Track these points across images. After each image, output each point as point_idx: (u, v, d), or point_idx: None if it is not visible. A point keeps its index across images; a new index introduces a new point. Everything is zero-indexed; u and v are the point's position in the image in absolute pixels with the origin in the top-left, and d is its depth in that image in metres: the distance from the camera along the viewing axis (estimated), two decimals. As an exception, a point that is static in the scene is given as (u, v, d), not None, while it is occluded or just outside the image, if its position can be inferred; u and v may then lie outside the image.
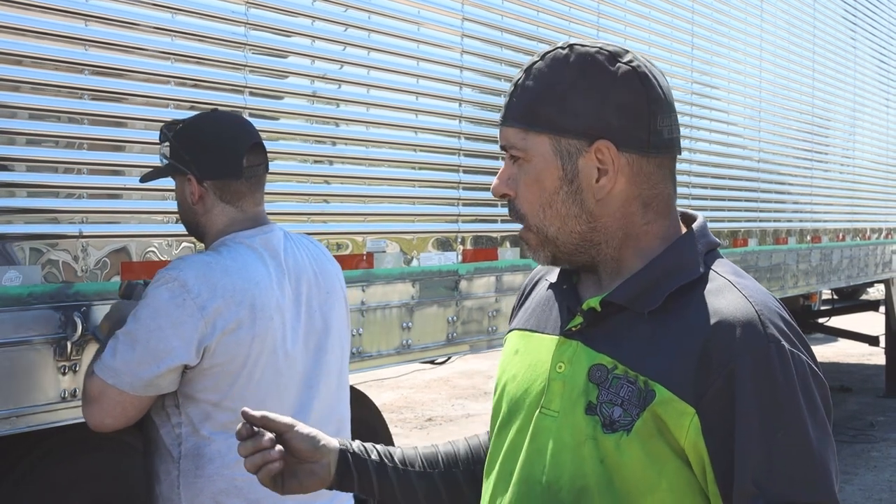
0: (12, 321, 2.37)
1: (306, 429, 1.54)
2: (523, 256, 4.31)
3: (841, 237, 8.24)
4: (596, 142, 1.34)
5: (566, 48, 1.38)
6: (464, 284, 3.98)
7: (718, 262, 1.39)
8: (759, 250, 6.72)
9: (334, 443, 1.57)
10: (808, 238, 7.57)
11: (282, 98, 3.19)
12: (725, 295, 1.32)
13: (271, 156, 2.46)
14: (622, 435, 1.29)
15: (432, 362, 4.61)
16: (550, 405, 1.38)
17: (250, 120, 2.53)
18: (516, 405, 1.44)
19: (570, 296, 1.44)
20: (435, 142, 3.84)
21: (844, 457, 7.30)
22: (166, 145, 2.34)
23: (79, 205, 2.54)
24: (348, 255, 3.40)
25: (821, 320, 10.72)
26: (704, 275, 1.35)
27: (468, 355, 4.75)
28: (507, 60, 4.20)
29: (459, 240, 3.96)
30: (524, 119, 1.37)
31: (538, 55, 1.40)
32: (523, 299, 1.60)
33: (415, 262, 3.73)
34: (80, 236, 2.54)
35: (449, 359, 4.50)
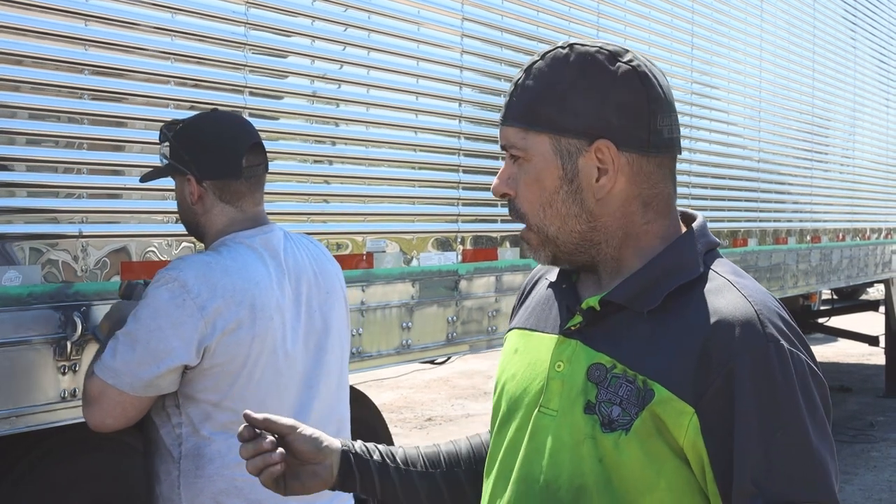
0: (12, 321, 2.37)
1: (309, 430, 1.54)
2: (523, 256, 4.31)
3: (841, 237, 8.24)
4: (596, 141, 1.35)
5: (566, 48, 1.38)
6: (464, 284, 3.98)
7: (718, 262, 1.39)
8: (759, 250, 6.72)
9: (336, 444, 1.57)
10: (808, 238, 7.57)
11: (282, 98, 3.19)
12: (725, 294, 1.32)
13: (271, 156, 2.46)
14: (621, 434, 1.29)
15: (432, 362, 4.61)
16: (549, 404, 1.38)
17: (250, 120, 2.53)
18: (515, 404, 1.44)
19: (570, 295, 1.44)
20: (435, 142, 3.84)
21: (844, 457, 7.30)
22: (166, 145, 2.34)
23: (79, 205, 2.54)
24: (348, 255, 3.40)
25: (821, 320, 10.72)
26: (704, 274, 1.35)
27: (468, 355, 4.74)
28: (507, 60, 4.20)
29: (459, 240, 3.96)
30: (524, 119, 1.37)
31: (538, 55, 1.40)
32: (523, 298, 1.60)
33: (415, 262, 3.73)
34: (80, 236, 2.54)
35: (449, 359, 4.50)
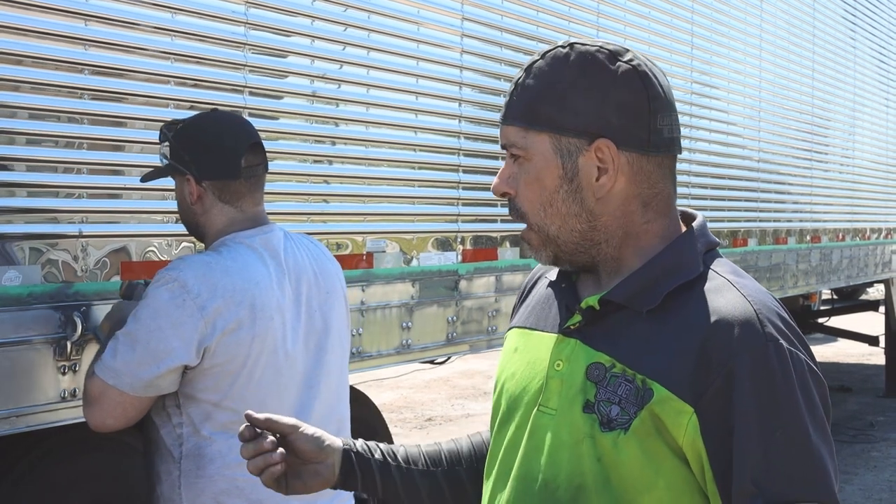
0: (12, 321, 2.37)
1: (311, 429, 1.54)
2: (523, 256, 4.31)
3: (841, 237, 8.24)
4: (596, 140, 1.35)
5: (567, 47, 1.38)
6: (464, 284, 3.98)
7: (718, 262, 1.39)
8: (759, 250, 6.72)
9: (338, 442, 1.57)
10: (808, 238, 7.57)
11: (281, 98, 3.19)
12: (724, 294, 1.32)
13: (271, 156, 2.46)
14: (620, 433, 1.29)
15: (432, 362, 4.61)
16: (548, 403, 1.38)
17: (250, 120, 2.53)
18: (515, 402, 1.44)
19: (569, 294, 1.44)
20: (435, 142, 3.84)
21: (844, 457, 7.30)
22: (166, 145, 2.34)
23: (79, 204, 2.54)
24: (348, 255, 3.40)
25: (821, 320, 10.71)
26: (703, 274, 1.35)
27: (468, 355, 4.74)
28: (507, 60, 4.20)
29: (459, 240, 3.96)
30: (525, 118, 1.37)
31: (539, 54, 1.40)
32: (524, 297, 1.60)
33: (415, 262, 3.73)
34: (80, 236, 2.54)
35: (449, 359, 4.50)
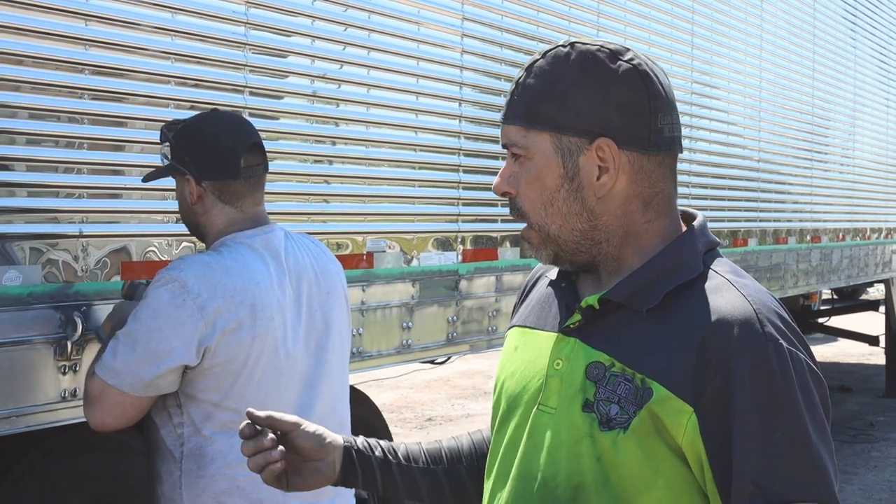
0: (12, 321, 2.37)
1: (312, 427, 1.55)
2: (523, 256, 4.32)
3: (841, 237, 8.24)
4: (597, 139, 1.35)
5: (567, 46, 1.38)
6: (464, 284, 3.98)
7: (718, 262, 1.39)
8: (759, 250, 6.72)
9: (339, 440, 1.58)
10: (808, 238, 7.57)
11: (282, 98, 3.19)
12: (724, 294, 1.31)
13: (271, 156, 2.46)
14: (619, 433, 1.29)
15: (432, 362, 4.61)
16: (548, 402, 1.38)
17: (250, 119, 2.53)
18: (515, 401, 1.44)
19: (569, 293, 1.45)
20: (435, 141, 3.84)
21: (844, 457, 7.30)
22: (167, 145, 2.34)
23: (79, 204, 2.54)
24: (348, 255, 3.40)
25: (821, 320, 10.71)
26: (703, 273, 1.35)
27: (468, 355, 4.74)
28: (507, 60, 4.20)
29: (459, 240, 3.97)
30: (525, 117, 1.37)
31: (539, 53, 1.40)
32: (524, 296, 1.60)
33: (415, 262, 3.73)
34: (80, 236, 2.54)
35: (449, 359, 4.50)
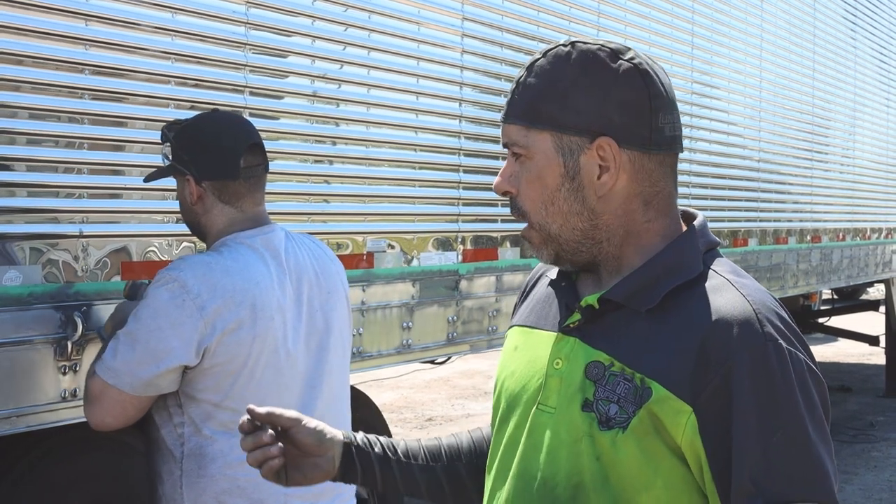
0: (12, 321, 2.37)
1: (313, 423, 1.55)
2: (523, 256, 4.32)
3: (841, 237, 8.24)
4: (597, 139, 1.35)
5: (568, 45, 1.38)
6: (464, 284, 3.98)
7: (718, 261, 1.39)
8: (759, 250, 6.72)
9: (339, 436, 1.58)
10: (808, 238, 7.57)
11: (282, 98, 3.19)
12: (723, 293, 1.31)
13: (271, 156, 2.46)
14: (618, 432, 1.29)
15: (432, 362, 4.61)
16: (547, 401, 1.38)
17: (250, 120, 2.53)
18: (514, 400, 1.44)
19: (569, 293, 1.45)
20: (435, 141, 3.84)
21: (844, 457, 7.30)
22: (168, 145, 2.34)
23: (79, 204, 2.54)
24: (348, 255, 3.40)
25: (821, 320, 10.70)
26: (703, 273, 1.35)
27: (468, 355, 4.74)
28: (508, 60, 4.20)
29: (459, 239, 3.97)
30: (526, 116, 1.37)
31: (540, 52, 1.40)
32: (525, 296, 1.60)
33: (415, 262, 3.73)
34: (81, 236, 2.54)
35: (449, 359, 4.50)
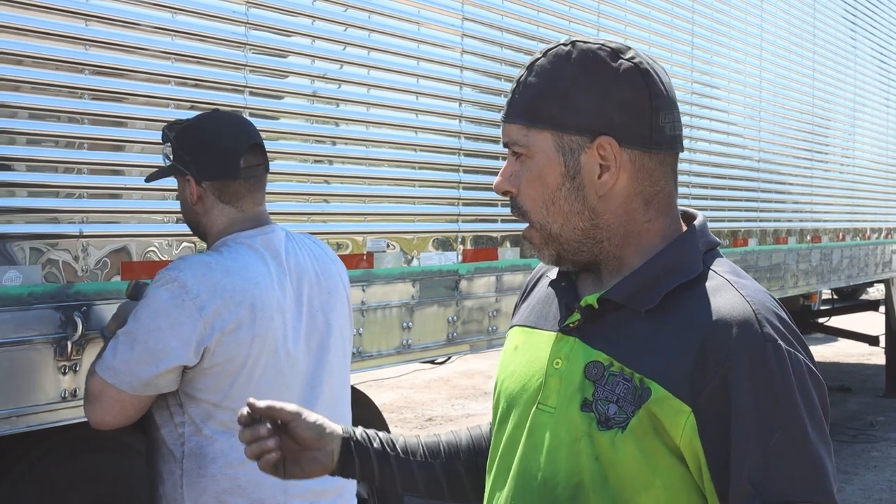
0: (12, 321, 2.37)
1: (312, 416, 1.55)
2: (523, 256, 4.32)
3: (841, 237, 8.24)
4: (598, 138, 1.35)
5: (569, 45, 1.38)
6: (464, 284, 3.98)
7: (717, 262, 1.39)
8: (759, 250, 6.72)
9: (338, 430, 1.58)
10: (808, 238, 7.57)
11: (282, 98, 3.19)
12: (723, 294, 1.32)
13: (271, 155, 2.46)
14: (617, 432, 1.30)
15: (432, 362, 4.61)
16: (547, 401, 1.38)
17: (251, 120, 2.53)
18: (514, 400, 1.44)
19: (569, 292, 1.45)
20: (435, 141, 3.84)
21: (844, 457, 7.30)
22: (168, 146, 2.34)
23: (79, 204, 2.54)
24: (348, 255, 3.40)
25: (821, 320, 10.70)
26: (703, 273, 1.35)
27: (468, 355, 4.74)
28: (507, 60, 4.20)
29: (459, 240, 3.97)
30: (527, 115, 1.37)
31: (541, 52, 1.40)
32: (525, 296, 1.60)
33: (415, 262, 3.73)
34: (81, 236, 2.54)
35: (449, 359, 4.50)
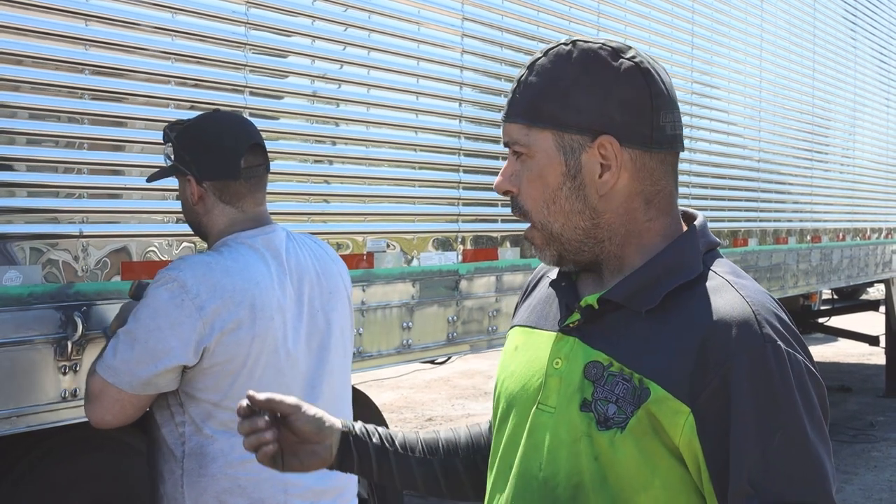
0: (13, 321, 2.37)
1: (312, 410, 1.55)
2: (523, 256, 4.31)
3: (841, 237, 8.24)
4: (599, 137, 1.35)
5: (569, 44, 1.38)
6: (464, 284, 3.98)
7: (717, 262, 1.39)
8: (759, 250, 6.72)
9: (338, 424, 1.58)
10: (808, 238, 7.57)
11: (282, 98, 3.19)
12: (723, 294, 1.32)
13: (271, 155, 2.46)
14: (616, 432, 1.30)
15: (432, 362, 4.61)
16: (547, 401, 1.38)
17: (251, 119, 2.53)
18: (514, 400, 1.44)
19: (569, 292, 1.45)
20: (435, 141, 3.84)
21: (844, 457, 7.30)
22: (169, 146, 2.34)
23: (79, 204, 2.54)
24: (349, 255, 3.40)
25: (821, 320, 10.70)
26: (703, 274, 1.35)
27: (468, 355, 4.74)
28: (508, 60, 4.20)
29: (459, 240, 3.96)
30: (527, 115, 1.37)
31: (541, 51, 1.40)
32: (526, 296, 1.60)
33: (415, 262, 3.73)
34: (81, 236, 2.54)
35: (449, 359, 4.50)
